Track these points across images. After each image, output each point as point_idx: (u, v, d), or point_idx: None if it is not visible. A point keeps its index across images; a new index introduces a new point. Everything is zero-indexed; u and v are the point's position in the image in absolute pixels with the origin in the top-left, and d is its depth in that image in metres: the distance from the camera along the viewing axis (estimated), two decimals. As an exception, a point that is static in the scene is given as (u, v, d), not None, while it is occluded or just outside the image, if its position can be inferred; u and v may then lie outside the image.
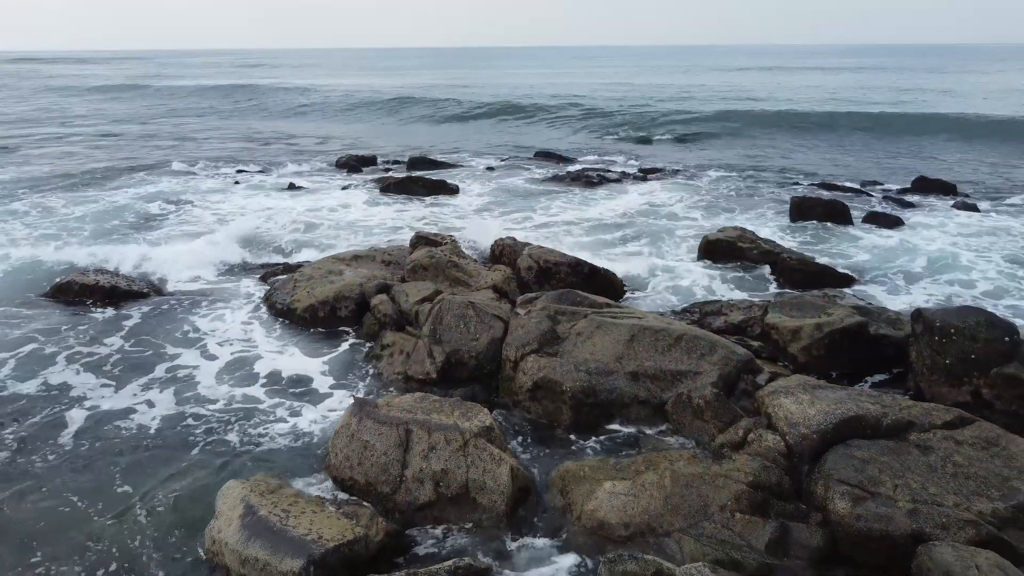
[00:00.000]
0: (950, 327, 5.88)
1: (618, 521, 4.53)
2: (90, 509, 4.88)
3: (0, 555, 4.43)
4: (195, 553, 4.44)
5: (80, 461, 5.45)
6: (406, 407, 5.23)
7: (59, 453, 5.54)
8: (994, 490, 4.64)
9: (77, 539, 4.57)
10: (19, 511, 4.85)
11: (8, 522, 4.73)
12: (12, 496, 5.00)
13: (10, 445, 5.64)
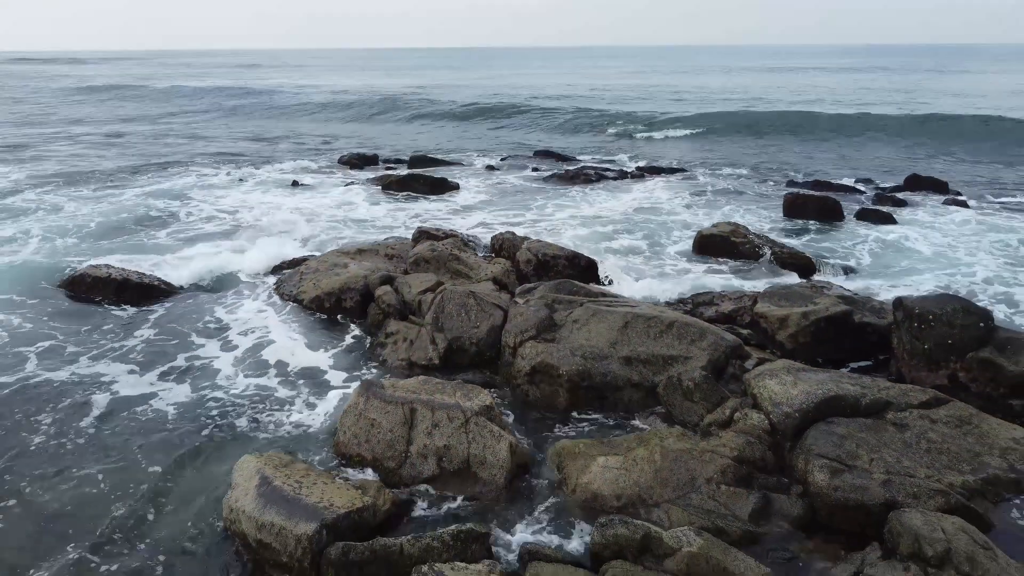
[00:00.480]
0: (928, 314, 6.16)
1: (610, 493, 4.82)
2: (114, 485, 5.15)
3: (32, 528, 4.71)
4: (212, 523, 4.72)
5: (104, 441, 5.73)
6: (411, 388, 5.52)
7: (86, 435, 5.82)
8: (965, 464, 4.93)
9: (102, 513, 4.85)
10: (50, 487, 5.13)
11: (40, 498, 5.01)
12: (43, 474, 5.28)
13: (41, 428, 5.92)
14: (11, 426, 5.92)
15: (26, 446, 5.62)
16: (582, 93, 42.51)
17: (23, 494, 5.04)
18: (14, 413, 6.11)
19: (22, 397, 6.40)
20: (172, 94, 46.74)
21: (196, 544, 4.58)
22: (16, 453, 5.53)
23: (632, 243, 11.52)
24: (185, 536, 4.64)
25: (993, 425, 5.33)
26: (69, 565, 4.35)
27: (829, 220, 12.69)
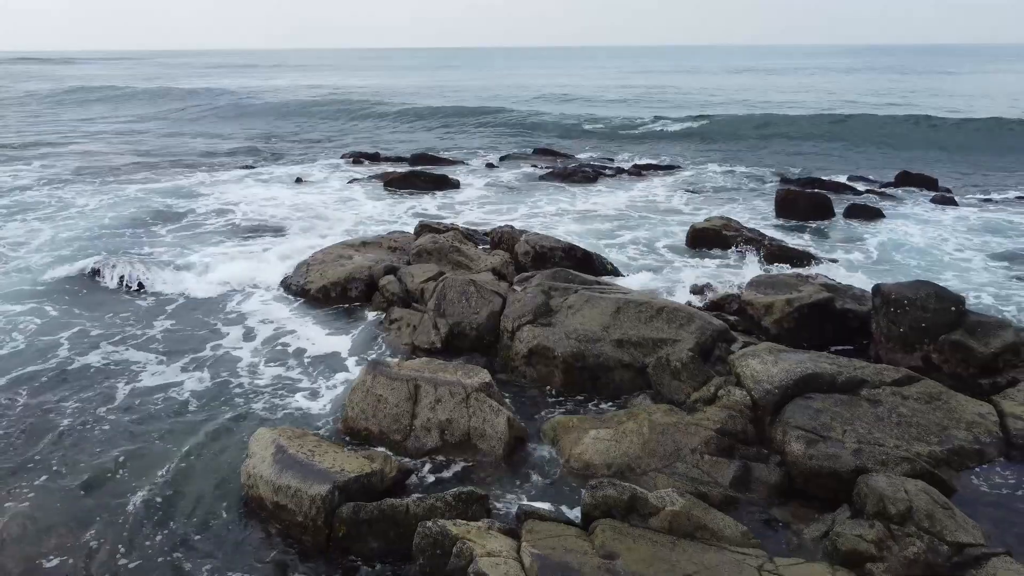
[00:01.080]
0: (904, 299, 6.52)
1: (601, 462, 5.17)
2: (141, 458, 5.51)
3: (68, 495, 5.05)
4: (231, 491, 5.07)
5: (130, 417, 6.08)
6: (415, 367, 5.87)
7: (112, 413, 6.17)
8: (932, 436, 5.28)
9: (130, 484, 5.20)
10: (85, 458, 5.48)
11: (76, 467, 5.36)
12: (78, 448, 5.63)
13: (73, 409, 6.27)
14: (47, 407, 6.26)
15: (58, 425, 5.97)
16: (582, 93, 42.84)
17: (64, 462, 5.39)
18: (50, 395, 6.46)
19: (56, 380, 6.74)
20: (180, 97, 47.07)
21: (216, 510, 4.91)
22: (52, 430, 5.88)
23: (627, 237, 11.87)
24: (206, 503, 4.98)
25: (961, 401, 5.68)
26: (103, 528, 4.69)
27: (820, 216, 13.03)
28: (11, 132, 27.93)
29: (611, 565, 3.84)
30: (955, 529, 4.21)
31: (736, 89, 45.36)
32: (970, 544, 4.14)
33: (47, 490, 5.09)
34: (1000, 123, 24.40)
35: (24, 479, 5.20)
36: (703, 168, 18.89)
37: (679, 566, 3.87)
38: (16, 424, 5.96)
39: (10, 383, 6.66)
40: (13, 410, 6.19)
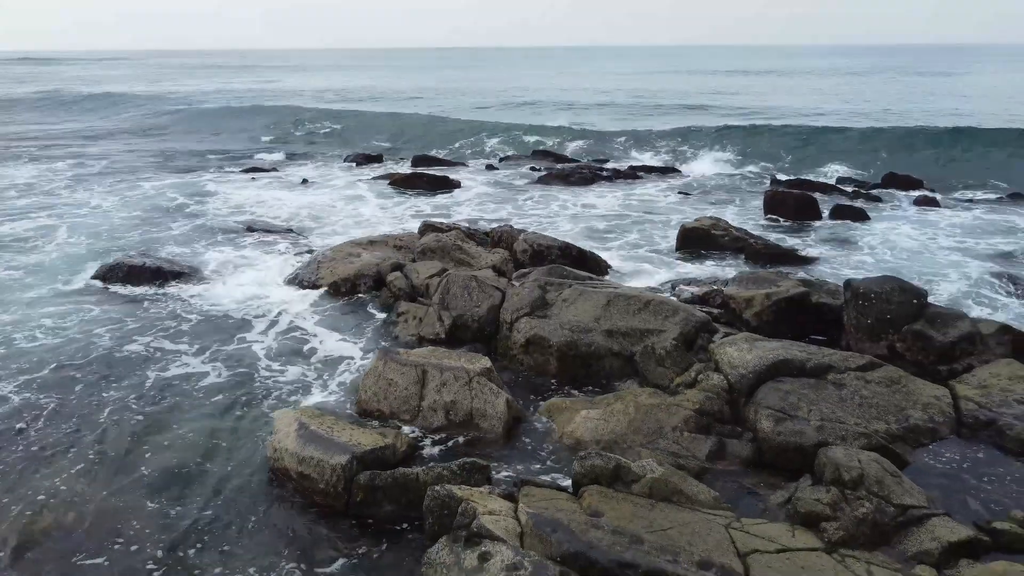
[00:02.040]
0: (871, 292, 7.08)
1: (591, 439, 5.73)
2: (173, 441, 6.06)
3: (110, 470, 5.61)
4: (258, 465, 5.62)
5: (158, 403, 6.64)
6: (422, 355, 6.44)
7: (141, 401, 6.72)
8: (890, 415, 5.85)
9: (167, 459, 5.76)
10: (123, 443, 6.04)
11: (115, 451, 5.91)
12: (117, 434, 6.19)
13: (111, 398, 6.83)
14: (86, 394, 6.82)
15: (96, 410, 6.53)
16: (580, 94, 43.37)
17: (106, 441, 5.95)
18: (88, 383, 7.02)
19: (89, 371, 7.29)
20: (181, 100, 47.58)
21: (245, 481, 5.47)
22: (89, 413, 6.44)
23: (621, 236, 12.43)
24: (235, 475, 5.54)
25: (919, 385, 6.24)
26: (142, 496, 5.25)
27: (806, 216, 13.59)
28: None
29: (596, 521, 4.40)
30: (901, 493, 4.77)
31: (730, 92, 45.90)
32: (914, 506, 4.70)
33: (94, 464, 5.65)
34: (979, 129, 24.97)
35: (72, 456, 5.76)
36: (696, 169, 19.44)
37: (656, 523, 4.43)
38: (57, 408, 6.52)
39: (52, 371, 7.22)
40: (56, 394, 6.75)
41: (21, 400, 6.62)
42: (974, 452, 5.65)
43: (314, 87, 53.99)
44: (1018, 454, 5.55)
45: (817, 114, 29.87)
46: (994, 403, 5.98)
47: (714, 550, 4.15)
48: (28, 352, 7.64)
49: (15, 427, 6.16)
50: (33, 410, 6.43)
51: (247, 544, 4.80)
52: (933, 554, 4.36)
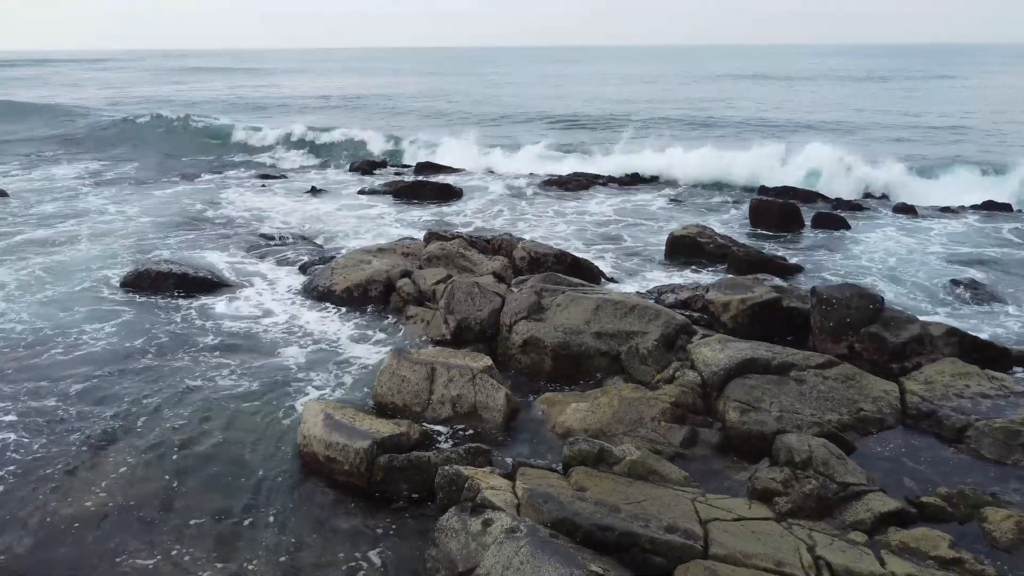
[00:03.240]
0: (833, 298, 7.88)
1: (580, 428, 6.52)
2: (208, 433, 6.86)
3: (160, 456, 6.41)
4: (288, 452, 6.42)
5: (194, 401, 7.43)
6: (431, 354, 7.24)
7: (177, 399, 7.52)
8: (843, 408, 6.65)
9: (206, 448, 6.56)
10: (171, 429, 6.84)
11: (165, 439, 6.72)
12: (168, 425, 6.99)
13: (151, 395, 7.63)
14: (127, 392, 7.63)
15: (138, 408, 7.33)
16: (577, 100, 44.16)
17: (150, 433, 6.75)
18: (128, 382, 7.82)
19: (131, 372, 8.10)
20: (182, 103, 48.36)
21: (278, 465, 6.26)
22: (134, 409, 7.24)
23: (613, 242, 13.22)
24: (269, 460, 6.33)
25: (871, 380, 7.05)
26: (189, 479, 6.05)
27: (790, 224, 14.37)
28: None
29: (581, 495, 5.20)
30: (844, 473, 5.57)
31: (724, 99, 46.71)
32: (853, 483, 5.50)
33: (148, 449, 6.45)
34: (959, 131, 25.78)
35: (125, 448, 6.56)
36: (688, 177, 20.19)
37: (632, 496, 5.23)
38: (101, 406, 7.33)
39: (94, 373, 8.02)
40: (99, 394, 7.55)
41: (67, 399, 7.41)
42: (915, 439, 6.46)
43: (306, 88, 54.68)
44: (952, 441, 6.36)
45: (809, 121, 30.63)
46: (936, 396, 6.79)
47: (680, 518, 4.95)
48: (69, 355, 8.43)
49: (66, 421, 6.96)
50: (79, 408, 7.21)
51: (284, 517, 5.60)
52: (866, 523, 5.16)
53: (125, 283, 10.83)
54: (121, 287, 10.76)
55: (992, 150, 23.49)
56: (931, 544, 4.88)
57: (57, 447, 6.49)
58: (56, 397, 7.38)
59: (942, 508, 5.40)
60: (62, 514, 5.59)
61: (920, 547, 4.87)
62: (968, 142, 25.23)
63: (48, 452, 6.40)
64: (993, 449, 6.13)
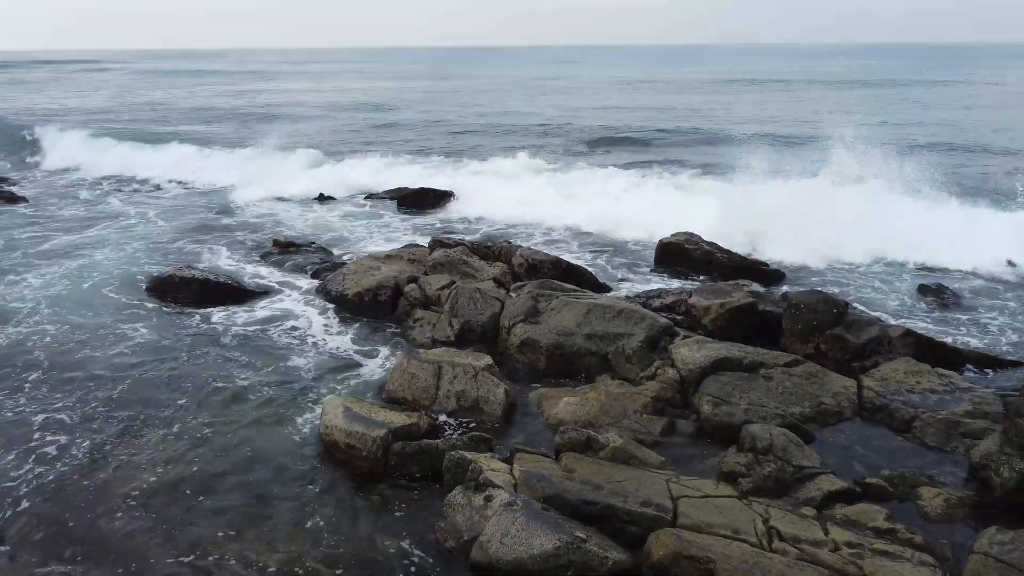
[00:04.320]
0: (801, 303, 8.69)
1: (570, 419, 7.32)
2: (241, 426, 7.67)
3: (198, 444, 7.22)
4: (310, 441, 7.22)
5: (223, 397, 8.23)
6: (438, 354, 8.05)
7: (207, 395, 8.33)
8: (806, 402, 7.46)
9: (236, 442, 7.36)
10: (205, 426, 7.65)
11: (201, 432, 7.52)
12: (202, 421, 7.80)
13: (182, 396, 8.44)
14: (160, 396, 8.44)
15: (170, 405, 8.14)
16: (573, 107, 44.94)
17: (187, 424, 7.56)
18: (161, 385, 8.63)
19: (159, 374, 8.91)
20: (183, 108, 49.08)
21: (302, 453, 7.07)
22: (166, 411, 8.05)
23: (607, 248, 14.02)
24: (294, 449, 7.14)
25: (833, 378, 7.86)
26: (225, 464, 6.86)
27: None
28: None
29: (570, 475, 6.01)
30: (800, 458, 6.38)
31: (717, 108, 47.49)
32: (808, 467, 6.31)
33: (184, 442, 7.26)
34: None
35: (164, 438, 7.37)
36: (681, 181, 20.98)
37: (613, 477, 6.03)
38: (140, 403, 8.14)
39: (128, 375, 8.83)
40: (137, 394, 8.36)
41: (107, 397, 8.22)
42: (868, 429, 7.27)
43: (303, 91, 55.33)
44: (901, 431, 7.17)
45: (801, 129, 31.42)
46: (889, 392, 7.60)
47: (654, 495, 5.76)
48: (108, 357, 9.24)
49: (108, 415, 7.77)
50: (119, 404, 8.03)
51: (310, 496, 6.41)
52: (816, 500, 5.96)
53: (151, 288, 11.63)
54: (147, 291, 11.57)
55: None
56: (869, 517, 5.69)
57: (102, 437, 7.30)
58: (98, 394, 8.19)
59: (884, 488, 6.21)
60: (116, 493, 6.40)
61: (860, 519, 5.68)
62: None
63: (95, 442, 7.22)
64: (935, 438, 6.94)
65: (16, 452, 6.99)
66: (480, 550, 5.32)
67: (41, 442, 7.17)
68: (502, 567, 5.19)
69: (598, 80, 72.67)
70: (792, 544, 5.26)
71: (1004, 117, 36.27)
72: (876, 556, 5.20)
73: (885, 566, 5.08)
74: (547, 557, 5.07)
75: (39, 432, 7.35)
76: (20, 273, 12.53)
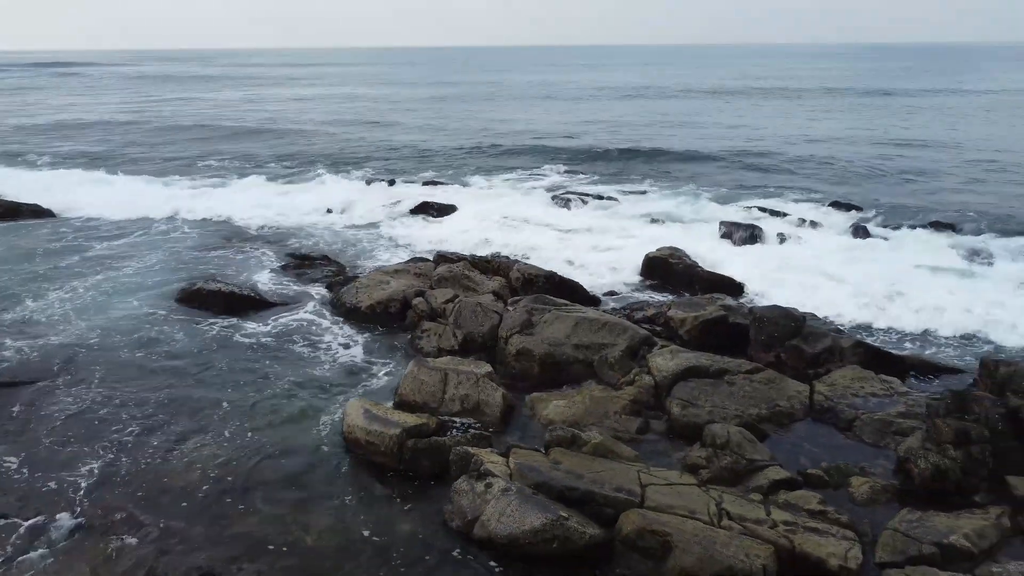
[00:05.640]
0: (764, 317, 9.85)
1: (559, 419, 8.47)
2: (268, 427, 8.81)
3: (233, 439, 8.36)
4: (334, 438, 8.36)
5: (254, 402, 9.38)
6: (444, 362, 9.20)
7: (240, 398, 9.48)
8: (763, 404, 8.61)
9: (270, 439, 8.51)
10: (237, 426, 8.80)
11: (236, 431, 8.66)
12: (235, 423, 8.94)
13: (220, 399, 9.59)
14: (195, 398, 9.59)
15: (207, 409, 9.29)
16: (570, 121, 46.05)
17: (223, 424, 8.71)
18: (196, 387, 9.78)
19: (193, 377, 10.06)
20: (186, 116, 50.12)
21: (327, 448, 8.22)
22: (205, 412, 9.20)
23: (597, 260, 15.15)
24: (320, 446, 8.28)
25: (788, 383, 9.01)
26: (259, 460, 8.00)
27: (753, 241, 16.32)
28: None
29: (556, 466, 7.15)
30: (753, 452, 7.53)
31: (711, 120, 48.61)
32: (758, 460, 7.46)
33: (224, 441, 8.40)
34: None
35: (206, 438, 8.51)
36: (671, 194, 22.14)
37: (593, 468, 7.17)
38: (180, 406, 9.29)
39: (166, 380, 9.97)
40: (180, 394, 9.51)
41: (151, 400, 9.36)
42: (816, 428, 8.43)
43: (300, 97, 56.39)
44: (844, 429, 8.32)
45: (794, 141, 32.54)
46: (837, 395, 8.76)
47: (626, 483, 6.90)
48: (148, 364, 10.38)
49: (154, 418, 8.92)
50: (162, 406, 9.16)
51: (335, 485, 7.55)
52: (763, 487, 7.11)
53: (180, 299, 12.77)
54: (177, 302, 12.71)
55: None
56: (806, 501, 6.85)
57: (155, 434, 8.44)
58: (144, 396, 9.32)
59: (821, 477, 7.37)
60: (173, 480, 7.55)
61: (798, 503, 6.84)
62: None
63: (147, 440, 8.34)
64: (871, 435, 8.10)
65: (83, 448, 8.14)
66: (481, 527, 6.47)
67: (102, 439, 8.31)
68: (499, 541, 6.34)
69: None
70: (738, 522, 6.41)
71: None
72: (806, 532, 6.36)
73: (812, 539, 6.24)
74: (536, 532, 6.22)
75: (102, 429, 8.50)
76: (56, 285, 13.67)
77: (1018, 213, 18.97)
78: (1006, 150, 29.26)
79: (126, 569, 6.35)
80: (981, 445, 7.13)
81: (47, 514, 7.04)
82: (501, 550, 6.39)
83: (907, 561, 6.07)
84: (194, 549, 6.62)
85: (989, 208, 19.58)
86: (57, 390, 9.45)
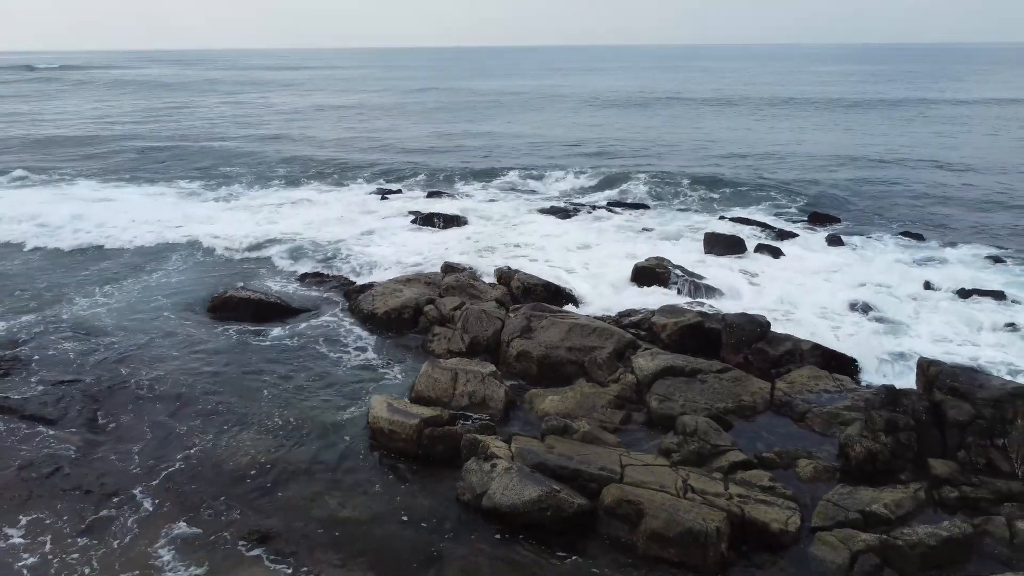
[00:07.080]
0: (734, 323, 11.22)
1: (554, 412, 9.83)
2: (301, 421, 10.18)
3: (264, 431, 9.73)
4: (360, 428, 9.72)
5: (288, 398, 10.74)
6: (454, 362, 10.58)
7: (275, 395, 10.85)
8: (729, 399, 9.98)
9: (306, 430, 9.87)
10: (270, 419, 10.17)
11: (264, 423, 10.03)
12: (265, 414, 10.31)
13: (248, 396, 10.96)
14: (229, 395, 10.96)
15: (248, 404, 10.66)
16: (569, 129, 47.39)
17: (253, 418, 10.07)
18: (227, 385, 11.16)
19: (221, 377, 11.43)
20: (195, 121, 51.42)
21: (354, 437, 9.58)
22: (238, 410, 10.57)
23: (592, 269, 16.52)
24: (349, 435, 9.64)
25: (753, 381, 10.38)
26: (298, 449, 9.37)
27: (735, 252, 17.67)
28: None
29: (551, 450, 8.52)
30: (717, 439, 8.89)
31: (706, 133, 49.92)
32: (721, 445, 8.82)
33: (266, 431, 9.77)
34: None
35: (252, 429, 9.88)
36: (661, 205, 23.50)
37: (582, 452, 8.54)
38: (218, 405, 10.65)
39: (210, 381, 11.34)
40: (221, 392, 10.87)
41: (200, 397, 10.73)
42: (774, 420, 9.80)
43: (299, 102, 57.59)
44: (798, 420, 9.69)
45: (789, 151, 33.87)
46: (794, 391, 10.13)
47: (608, 463, 8.27)
48: (190, 366, 11.74)
49: (205, 410, 10.29)
50: (210, 401, 10.54)
51: (362, 468, 8.92)
52: (724, 468, 8.47)
53: (212, 307, 14.13)
54: (208, 311, 14.07)
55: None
56: (759, 479, 8.22)
57: (206, 428, 9.80)
58: (191, 393, 10.70)
59: (774, 460, 8.74)
60: (226, 465, 8.92)
61: (752, 480, 8.20)
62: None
63: (202, 431, 9.71)
64: (821, 425, 9.47)
65: (148, 437, 9.51)
66: (488, 499, 7.85)
67: (164, 429, 9.68)
68: (503, 510, 7.72)
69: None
70: (700, 495, 7.79)
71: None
72: (756, 503, 7.74)
73: (760, 508, 7.62)
74: (533, 502, 7.60)
75: (161, 421, 9.87)
76: (93, 293, 15.03)
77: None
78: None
79: (193, 535, 7.72)
80: (907, 432, 8.51)
81: (123, 490, 8.42)
82: (505, 518, 7.76)
83: (835, 525, 7.44)
84: (248, 519, 8.00)
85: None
86: (116, 388, 10.83)
